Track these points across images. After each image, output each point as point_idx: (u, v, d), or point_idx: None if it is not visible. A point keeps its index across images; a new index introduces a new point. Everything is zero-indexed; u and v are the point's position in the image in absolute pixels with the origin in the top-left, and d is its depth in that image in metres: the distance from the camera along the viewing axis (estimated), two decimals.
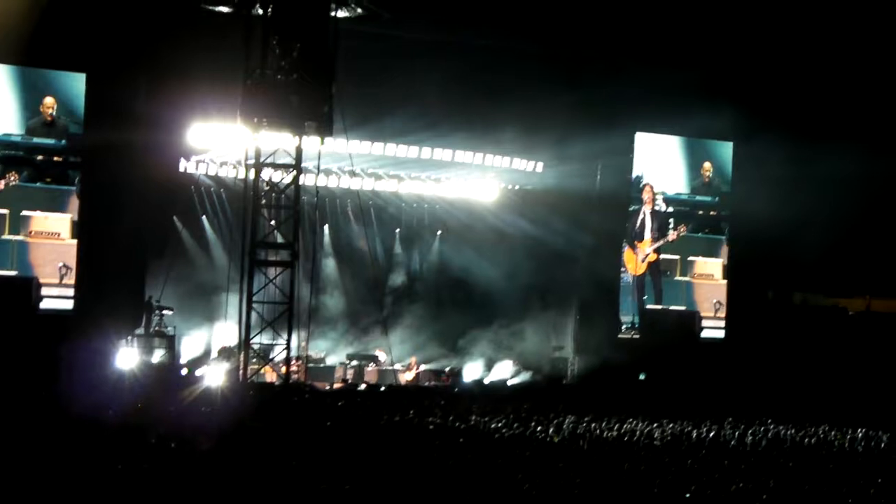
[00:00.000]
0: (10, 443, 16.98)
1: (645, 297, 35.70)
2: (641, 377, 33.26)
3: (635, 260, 35.72)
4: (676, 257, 36.12)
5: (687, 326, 34.72)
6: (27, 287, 28.42)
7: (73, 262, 29.25)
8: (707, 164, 36.29)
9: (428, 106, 31.79)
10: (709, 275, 36.38)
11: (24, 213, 29.22)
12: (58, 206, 29.55)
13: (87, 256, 29.27)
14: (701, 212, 36.28)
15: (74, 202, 29.51)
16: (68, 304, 29.19)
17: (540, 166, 34.70)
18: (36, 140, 29.22)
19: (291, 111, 27.30)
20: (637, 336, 34.94)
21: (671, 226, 35.91)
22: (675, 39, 33.03)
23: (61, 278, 29.27)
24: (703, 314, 35.60)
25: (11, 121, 28.98)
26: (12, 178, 28.97)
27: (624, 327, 35.44)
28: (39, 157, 29.36)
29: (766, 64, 34.51)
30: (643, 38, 32.94)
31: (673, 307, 35.78)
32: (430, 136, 32.69)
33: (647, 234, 35.74)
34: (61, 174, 29.63)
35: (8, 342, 26.27)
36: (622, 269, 35.64)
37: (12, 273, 28.90)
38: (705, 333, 35.31)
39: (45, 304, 28.85)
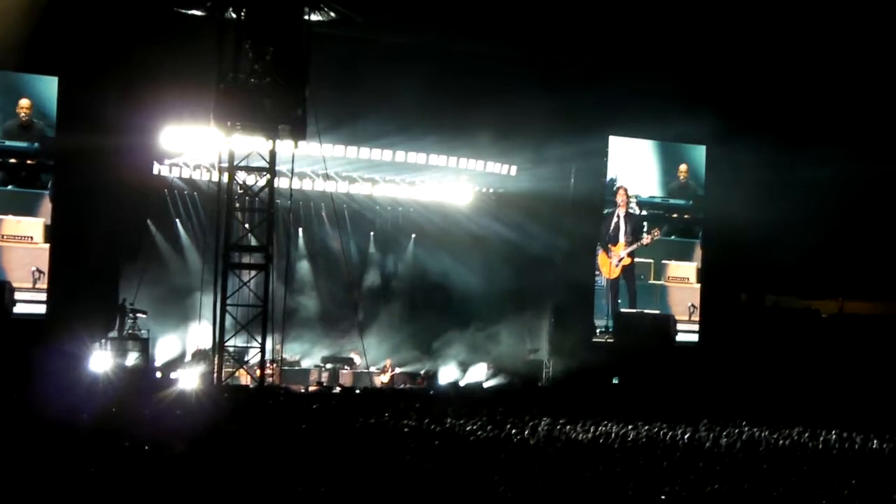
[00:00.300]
0: None
1: (619, 301, 35.65)
2: (615, 381, 33.23)
3: (609, 264, 35.69)
4: (650, 261, 36.10)
5: (662, 330, 34.63)
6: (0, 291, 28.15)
7: (45, 267, 29.11)
8: (683, 166, 36.30)
9: (402, 109, 31.80)
10: (683, 278, 36.39)
11: None
12: (30, 209, 29.37)
13: (59, 260, 29.15)
14: (675, 215, 36.29)
15: (47, 206, 29.35)
16: (41, 309, 29.04)
17: (514, 170, 34.75)
18: (9, 143, 29.06)
19: (265, 115, 27.29)
20: (611, 340, 34.91)
21: (645, 229, 35.90)
22: (650, 45, 33.13)
23: (34, 282, 29.10)
24: (677, 318, 35.55)
25: None
26: None
27: (598, 331, 35.41)
28: (12, 161, 29.19)
29: (740, 68, 34.67)
30: (618, 43, 33.02)
31: (647, 311, 35.72)
32: (404, 139, 32.72)
33: (622, 238, 35.73)
34: (34, 177, 29.47)
35: None
36: (596, 273, 35.66)
37: None
38: (680, 337, 35.31)
39: (18, 309, 28.61)
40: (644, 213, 35.98)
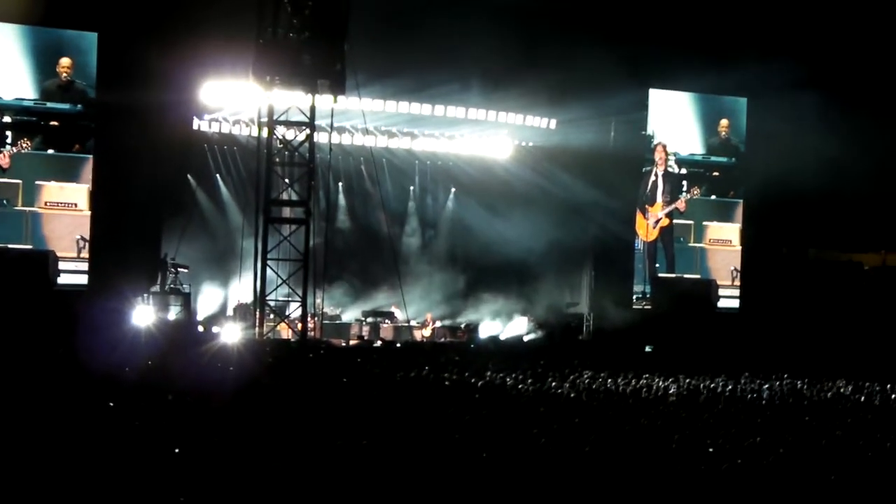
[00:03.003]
0: (30, 403, 17.03)
1: (657, 266, 34.78)
2: (648, 349, 32.38)
3: (646, 225, 34.90)
4: (690, 222, 35.22)
5: (702, 296, 33.81)
6: (44, 261, 27.93)
7: (89, 234, 28.83)
8: (724, 122, 35.48)
9: (441, 63, 31.66)
10: (725, 240, 35.49)
11: (38, 182, 28.76)
12: (73, 175, 29.09)
13: (102, 223, 29.04)
14: (716, 173, 35.44)
15: (90, 171, 29.04)
16: (85, 279, 28.78)
17: (553, 123, 34.56)
18: (50, 105, 28.87)
19: (304, 69, 27.26)
20: (649, 307, 34.20)
21: (684, 188, 35.13)
22: None
23: (79, 251, 28.86)
24: (719, 282, 34.65)
25: (24, 84, 28.57)
26: (24, 146, 28.48)
27: (635, 297, 34.56)
28: (53, 123, 29.05)
29: (783, 17, 34.15)
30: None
31: (687, 275, 34.90)
32: (444, 93, 32.60)
33: (659, 198, 34.89)
34: (76, 141, 29.20)
35: (25, 319, 25.69)
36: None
37: (27, 247, 28.50)
38: (721, 303, 34.42)
39: (62, 279, 28.37)
40: (683, 171, 35.21)
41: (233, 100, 30.84)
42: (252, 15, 27.16)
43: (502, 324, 33.75)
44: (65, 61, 28.97)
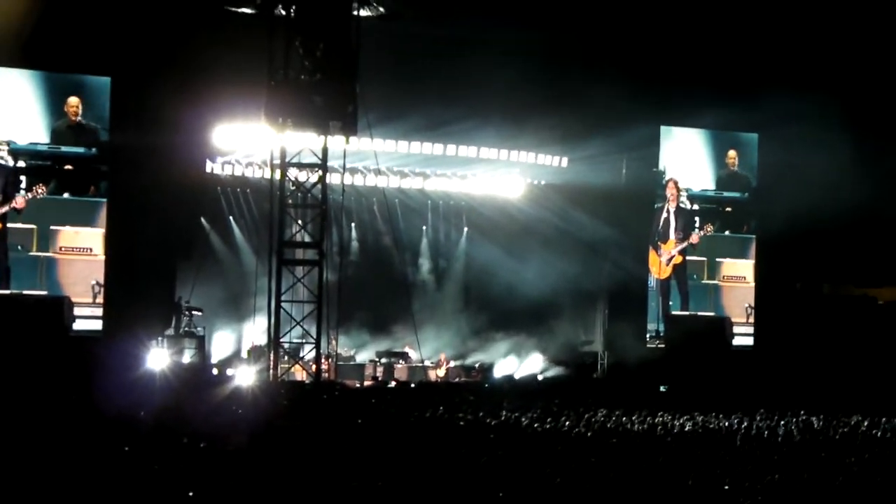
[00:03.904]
0: (45, 446, 17.05)
1: (671, 303, 34.51)
2: (662, 389, 32.04)
3: (659, 262, 34.60)
4: (703, 259, 34.90)
5: (717, 333, 33.49)
6: (59, 307, 27.93)
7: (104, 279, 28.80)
8: (732, 153, 35.26)
9: (452, 103, 31.82)
10: (739, 277, 35.18)
11: (53, 227, 28.83)
12: (88, 219, 29.08)
13: (116, 261, 29.13)
14: (728, 208, 35.22)
15: (105, 215, 29.10)
16: (100, 325, 28.75)
17: (565, 161, 34.61)
18: (64, 149, 29.00)
19: (316, 111, 27.28)
20: (662, 346, 33.85)
21: (696, 225, 34.85)
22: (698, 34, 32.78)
23: (94, 297, 28.83)
24: (733, 319, 34.34)
25: (34, 126, 28.67)
26: (39, 191, 28.59)
27: (648, 336, 34.23)
28: (68, 167, 29.17)
29: (792, 53, 34.17)
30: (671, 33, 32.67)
31: (701, 313, 34.68)
32: (455, 133, 32.70)
33: (672, 235, 34.57)
34: (91, 184, 29.30)
35: (40, 365, 25.69)
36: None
37: (42, 293, 28.50)
38: (736, 341, 34.11)
39: (77, 325, 28.36)
40: (696, 207, 35.00)
41: (245, 142, 30.99)
42: (263, 57, 27.24)
43: (516, 362, 33.70)
44: (73, 101, 29.04)
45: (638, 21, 32.49)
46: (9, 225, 28.62)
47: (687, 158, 35.12)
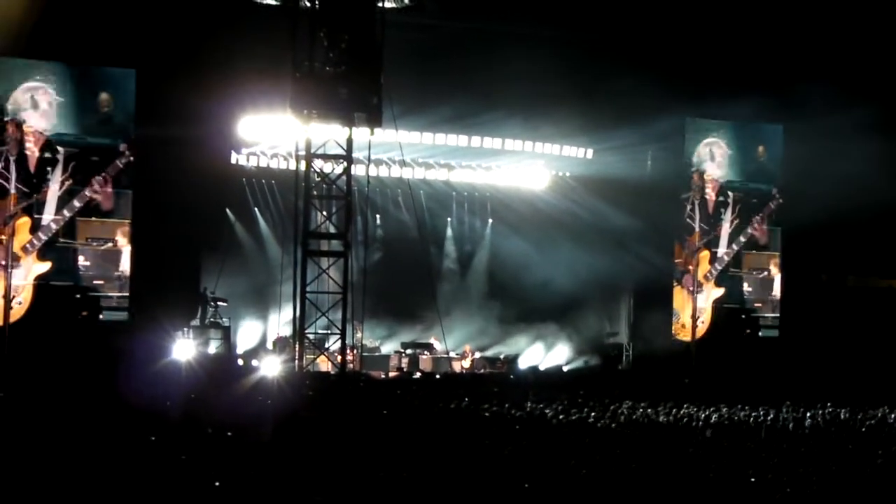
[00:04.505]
0: (74, 436, 17.14)
1: (697, 296, 34.43)
2: (686, 382, 31.79)
3: (684, 254, 34.62)
4: (729, 250, 34.97)
5: (742, 324, 33.68)
6: (86, 297, 28.23)
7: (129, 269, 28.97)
8: (761, 148, 35.17)
9: (476, 94, 31.79)
10: (764, 268, 35.38)
11: (79, 218, 28.95)
12: (115, 210, 29.27)
13: (142, 252, 29.27)
14: (755, 200, 35.16)
15: (130, 206, 29.16)
16: (125, 315, 28.91)
17: (590, 153, 34.55)
18: (91, 140, 29.20)
19: (341, 103, 27.25)
20: (687, 337, 33.88)
21: (723, 217, 34.87)
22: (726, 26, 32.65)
23: (120, 287, 29.05)
24: (759, 310, 34.48)
25: (67, 120, 28.79)
26: (68, 182, 28.92)
27: (674, 327, 34.32)
28: (94, 158, 29.35)
29: (819, 45, 33.99)
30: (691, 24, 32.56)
31: (726, 304, 34.59)
32: (480, 124, 32.69)
33: (697, 227, 34.63)
34: (118, 176, 29.49)
35: (68, 353, 25.93)
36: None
37: (69, 283, 28.59)
38: (762, 332, 34.20)
39: (103, 315, 28.53)
40: (721, 198, 34.96)
41: (270, 134, 31.06)
42: (288, 49, 27.27)
43: (541, 354, 33.69)
44: (104, 97, 29.25)
45: (664, 13, 32.39)
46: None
47: (713, 150, 34.94)
